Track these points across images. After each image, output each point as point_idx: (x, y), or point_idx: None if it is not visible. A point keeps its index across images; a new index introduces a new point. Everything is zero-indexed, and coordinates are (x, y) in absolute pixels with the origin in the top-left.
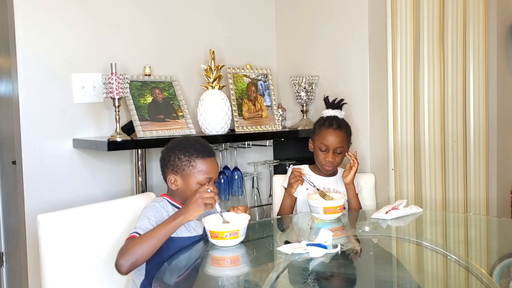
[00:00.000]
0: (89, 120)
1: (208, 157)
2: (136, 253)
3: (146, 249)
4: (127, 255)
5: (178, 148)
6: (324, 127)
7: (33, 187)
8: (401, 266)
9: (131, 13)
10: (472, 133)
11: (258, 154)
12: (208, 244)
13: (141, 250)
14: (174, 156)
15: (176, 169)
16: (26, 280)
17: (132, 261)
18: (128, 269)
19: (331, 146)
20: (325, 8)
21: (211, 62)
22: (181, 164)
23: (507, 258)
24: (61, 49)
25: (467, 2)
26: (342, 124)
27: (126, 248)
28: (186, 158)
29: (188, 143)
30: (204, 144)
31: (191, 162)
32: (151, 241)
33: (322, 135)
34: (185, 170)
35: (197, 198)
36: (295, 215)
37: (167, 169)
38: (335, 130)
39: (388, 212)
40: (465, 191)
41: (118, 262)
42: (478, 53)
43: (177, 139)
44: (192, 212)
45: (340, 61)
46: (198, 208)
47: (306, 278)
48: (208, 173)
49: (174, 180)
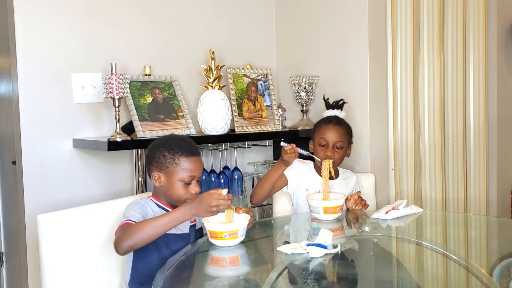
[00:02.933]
0: (89, 120)
1: (192, 155)
2: (137, 237)
3: (147, 234)
4: (128, 237)
5: (163, 145)
6: (323, 124)
7: (33, 187)
8: (401, 266)
9: (131, 13)
10: (472, 133)
11: (258, 154)
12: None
13: (142, 235)
14: (159, 153)
15: (160, 166)
16: (26, 280)
17: (131, 244)
18: (126, 250)
19: (330, 140)
20: (325, 8)
21: (211, 62)
22: (165, 162)
23: (507, 258)
24: (61, 49)
25: (467, 2)
26: (342, 121)
27: (128, 231)
28: (170, 155)
29: (173, 141)
30: (190, 143)
31: (175, 159)
32: (153, 228)
33: (321, 131)
34: (169, 168)
35: (211, 203)
36: (295, 215)
37: (152, 166)
38: (334, 125)
39: (388, 212)
40: (465, 191)
41: (118, 242)
42: (478, 53)
43: (163, 137)
44: (203, 213)
45: (340, 61)
46: (211, 213)
47: (306, 278)
48: (192, 171)
49: (158, 177)
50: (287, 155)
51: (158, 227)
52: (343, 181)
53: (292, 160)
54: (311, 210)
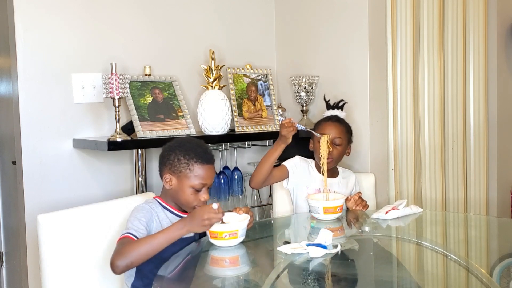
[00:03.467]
0: (89, 120)
1: (207, 163)
2: (132, 256)
3: (143, 253)
4: (124, 257)
5: (179, 148)
6: (323, 121)
7: (33, 187)
8: (401, 266)
9: (131, 13)
10: (472, 133)
11: (258, 154)
12: (199, 242)
13: (137, 254)
14: (174, 155)
15: (174, 169)
16: (26, 280)
17: (127, 264)
18: (122, 270)
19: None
20: (325, 8)
21: (211, 62)
22: (179, 165)
23: (507, 258)
24: (61, 49)
25: (467, 2)
26: (342, 120)
27: (123, 250)
28: (185, 160)
29: (190, 145)
30: (206, 149)
31: (189, 165)
32: (149, 247)
33: (321, 128)
34: (182, 172)
35: (203, 217)
36: (295, 215)
37: (165, 167)
38: (333, 122)
39: (388, 212)
40: (465, 191)
41: (114, 262)
42: (478, 53)
43: (181, 139)
44: (197, 228)
45: (340, 61)
46: (204, 228)
47: (306, 278)
48: (204, 179)
49: (169, 180)
50: (285, 129)
51: (154, 245)
52: (342, 180)
53: (290, 135)
54: (311, 210)
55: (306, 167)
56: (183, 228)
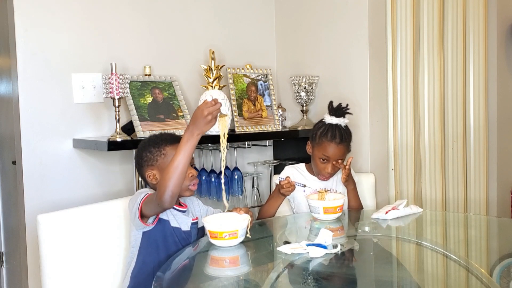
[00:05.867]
0: (89, 120)
1: (176, 142)
2: (170, 185)
3: (175, 178)
4: (164, 190)
5: (146, 144)
6: (326, 140)
7: (33, 187)
8: (401, 266)
9: (131, 13)
10: (472, 133)
11: (258, 154)
12: (197, 245)
13: (172, 181)
14: (145, 152)
15: (151, 162)
16: (26, 280)
17: (170, 195)
18: (170, 202)
19: (332, 158)
20: (325, 8)
21: (211, 62)
22: (153, 157)
23: (507, 258)
24: (61, 49)
25: (467, 2)
26: (345, 136)
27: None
28: (156, 149)
29: (154, 137)
30: (171, 133)
31: (161, 151)
32: (175, 170)
33: (324, 147)
34: (159, 161)
35: (204, 114)
36: (295, 215)
37: (143, 168)
38: (337, 145)
39: (388, 212)
40: (465, 191)
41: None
42: (478, 53)
43: (144, 139)
44: (205, 127)
45: (340, 61)
46: (211, 123)
47: (306, 278)
48: None
49: (152, 175)
50: (284, 190)
51: (179, 166)
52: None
53: (289, 193)
54: (311, 210)
55: (296, 173)
56: (193, 135)
